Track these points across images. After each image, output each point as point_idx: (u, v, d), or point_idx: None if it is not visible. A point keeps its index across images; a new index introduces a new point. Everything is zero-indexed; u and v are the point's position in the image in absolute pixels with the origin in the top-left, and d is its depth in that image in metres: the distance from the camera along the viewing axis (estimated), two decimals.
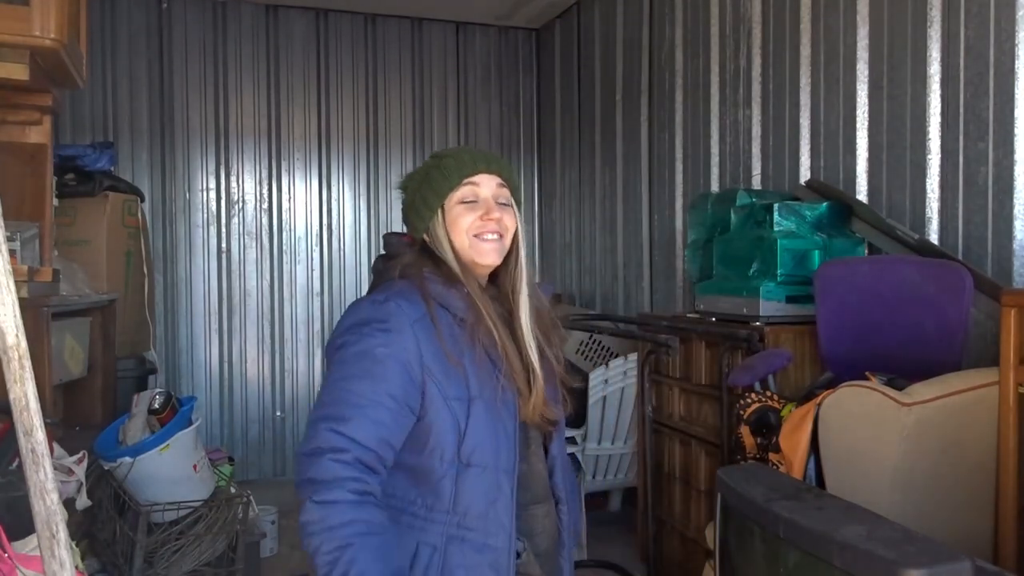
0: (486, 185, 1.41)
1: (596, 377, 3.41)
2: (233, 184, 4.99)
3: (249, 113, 5.00)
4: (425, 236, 1.43)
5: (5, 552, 1.55)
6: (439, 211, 1.41)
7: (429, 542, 1.31)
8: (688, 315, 3.11)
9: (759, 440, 2.26)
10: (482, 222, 1.39)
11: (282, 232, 5.08)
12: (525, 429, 1.41)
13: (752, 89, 3.35)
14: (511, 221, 1.42)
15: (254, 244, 5.03)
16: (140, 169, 4.77)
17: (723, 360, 2.64)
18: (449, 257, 1.39)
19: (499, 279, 1.46)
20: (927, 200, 2.53)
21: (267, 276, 5.05)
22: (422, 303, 1.33)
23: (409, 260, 1.42)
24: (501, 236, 1.40)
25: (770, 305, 2.57)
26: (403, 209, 1.48)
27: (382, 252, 1.56)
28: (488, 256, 1.39)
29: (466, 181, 1.40)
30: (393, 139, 5.30)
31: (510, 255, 1.44)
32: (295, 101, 5.08)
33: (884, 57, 2.69)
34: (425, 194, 1.42)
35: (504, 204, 1.43)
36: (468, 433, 1.31)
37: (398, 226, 5.50)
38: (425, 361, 1.31)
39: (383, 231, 5.25)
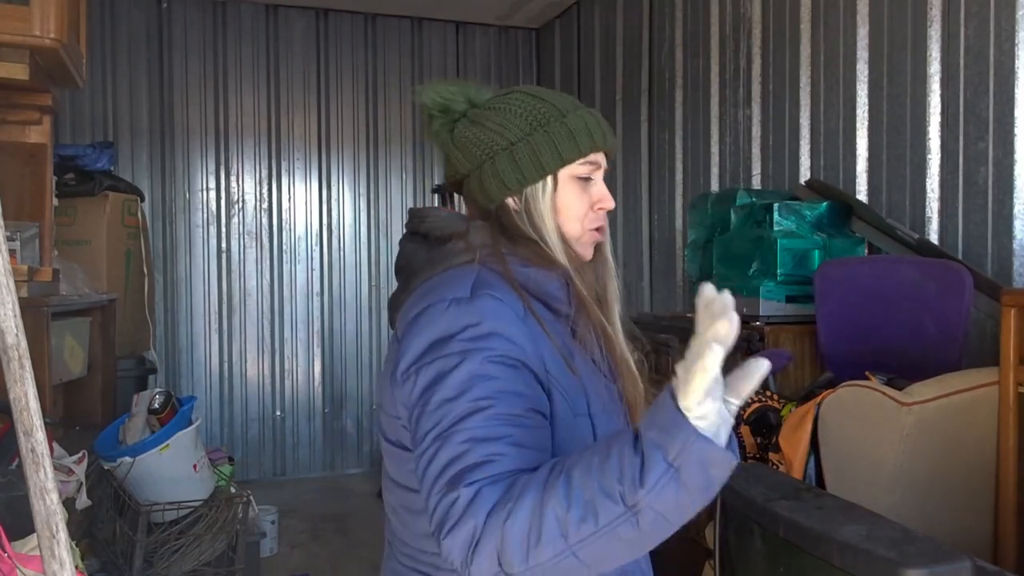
0: (602, 162, 1.10)
1: None
2: (233, 184, 4.99)
3: (249, 113, 5.00)
4: (512, 201, 1.06)
5: (5, 552, 1.55)
6: (549, 179, 1.05)
7: None
8: (688, 315, 3.11)
9: (759, 440, 2.26)
10: (595, 214, 1.08)
11: (282, 232, 5.08)
12: None
13: (752, 89, 3.35)
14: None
15: (254, 244, 5.03)
16: (140, 169, 4.77)
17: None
18: (550, 238, 1.04)
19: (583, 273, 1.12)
20: (927, 200, 2.53)
21: (267, 276, 5.05)
22: (517, 296, 0.99)
23: (482, 240, 1.05)
24: (603, 229, 1.11)
25: (770, 305, 2.57)
26: (464, 153, 1.07)
27: (410, 232, 1.14)
28: (590, 252, 1.10)
29: (593, 153, 1.06)
30: (393, 139, 5.30)
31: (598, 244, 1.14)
32: (295, 101, 5.08)
33: (884, 57, 2.69)
34: (538, 147, 1.04)
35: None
36: None
37: (399, 225, 5.44)
38: (547, 364, 0.97)
39: (383, 231, 5.25)
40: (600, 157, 1.08)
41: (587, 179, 1.07)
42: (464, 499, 0.82)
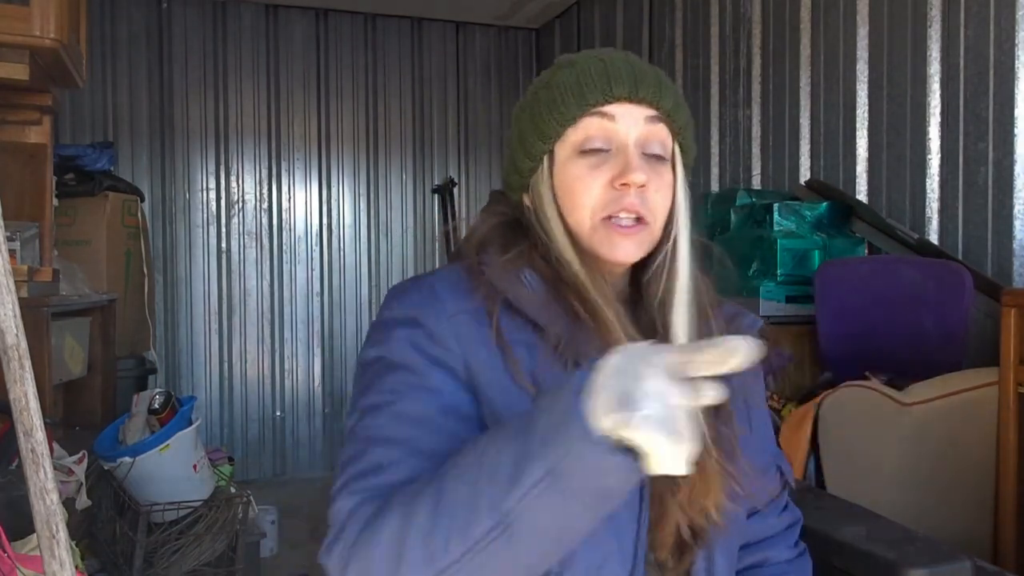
0: (627, 121, 0.79)
1: None
2: (233, 184, 4.99)
3: (249, 113, 5.00)
4: (526, 198, 0.84)
5: (5, 552, 1.55)
6: (543, 161, 0.81)
7: None
8: None
9: None
10: (616, 193, 0.78)
11: (282, 232, 5.07)
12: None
13: (752, 89, 3.35)
14: (664, 195, 0.81)
15: (254, 244, 5.02)
16: (140, 169, 4.77)
17: None
18: (556, 237, 0.80)
19: (639, 282, 0.86)
20: (927, 200, 2.53)
21: (267, 276, 5.05)
22: (476, 297, 0.79)
23: (471, 233, 0.86)
24: (644, 220, 0.80)
25: (770, 305, 2.57)
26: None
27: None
28: (620, 250, 0.80)
29: (592, 111, 0.78)
30: (393, 139, 5.30)
31: (660, 245, 0.84)
32: (295, 101, 5.08)
33: (884, 57, 2.69)
34: (524, 131, 0.82)
35: (655, 157, 0.81)
36: None
37: (399, 225, 5.46)
38: (472, 368, 0.77)
39: (383, 231, 5.25)
40: (616, 109, 0.78)
41: (598, 150, 0.79)
42: (344, 511, 0.74)
